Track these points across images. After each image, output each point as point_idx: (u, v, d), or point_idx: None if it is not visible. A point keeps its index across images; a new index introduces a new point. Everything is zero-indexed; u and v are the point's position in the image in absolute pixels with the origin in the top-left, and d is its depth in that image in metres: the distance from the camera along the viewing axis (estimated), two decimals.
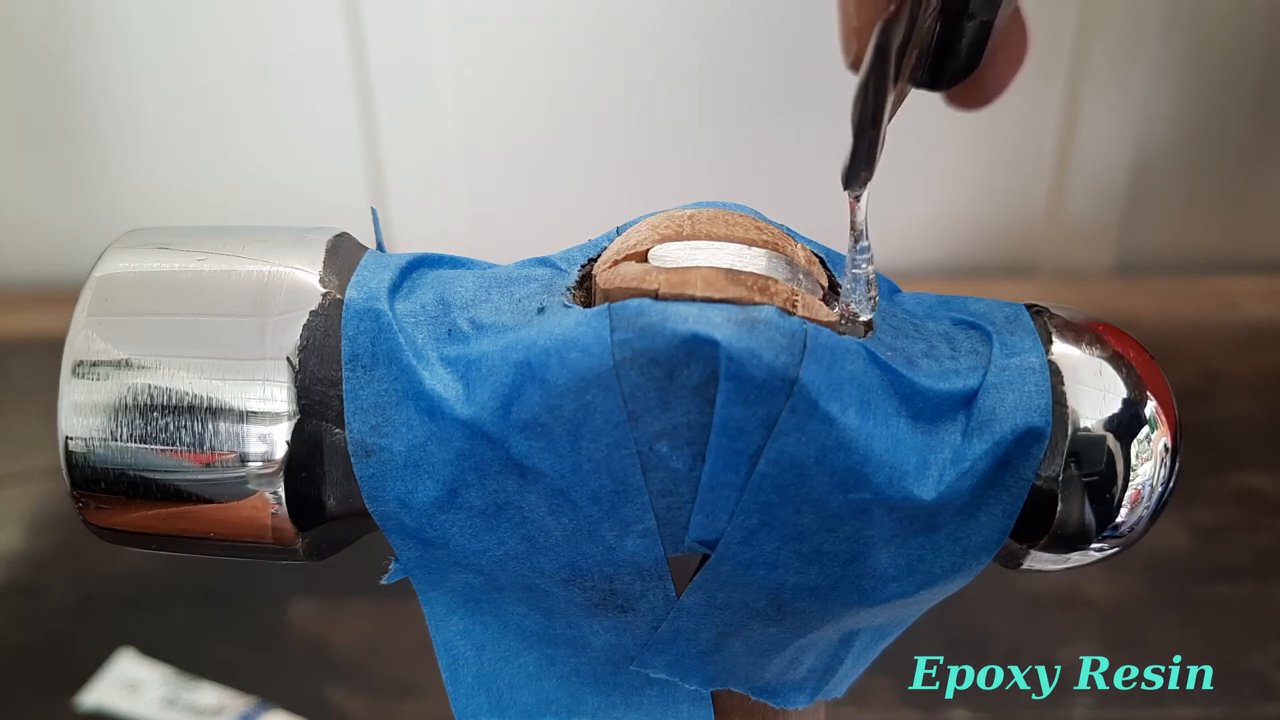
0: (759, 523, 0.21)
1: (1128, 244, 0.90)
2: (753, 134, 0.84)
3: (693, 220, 0.23)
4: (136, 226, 0.24)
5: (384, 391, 0.22)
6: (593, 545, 0.22)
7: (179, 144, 0.85)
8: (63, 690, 0.55)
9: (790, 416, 0.20)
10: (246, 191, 0.87)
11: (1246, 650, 0.58)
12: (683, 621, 0.22)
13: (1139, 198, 0.88)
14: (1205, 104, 0.86)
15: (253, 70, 0.82)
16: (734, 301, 0.20)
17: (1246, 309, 0.84)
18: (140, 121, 0.84)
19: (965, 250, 0.90)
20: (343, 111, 0.83)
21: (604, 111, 0.83)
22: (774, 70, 0.82)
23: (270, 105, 0.83)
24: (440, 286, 0.23)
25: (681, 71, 0.81)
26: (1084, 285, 0.88)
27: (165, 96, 0.83)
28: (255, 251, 0.23)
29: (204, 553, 0.23)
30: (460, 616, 0.24)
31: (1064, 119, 0.85)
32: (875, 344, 0.21)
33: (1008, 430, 0.21)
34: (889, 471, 0.21)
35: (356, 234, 0.25)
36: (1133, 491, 0.22)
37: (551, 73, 0.81)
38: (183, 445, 0.22)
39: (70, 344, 0.22)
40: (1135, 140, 0.86)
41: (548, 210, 0.84)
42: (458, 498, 0.22)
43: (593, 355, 0.20)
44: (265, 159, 0.85)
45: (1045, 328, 0.23)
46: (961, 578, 0.23)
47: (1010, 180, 0.88)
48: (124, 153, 0.85)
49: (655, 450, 0.20)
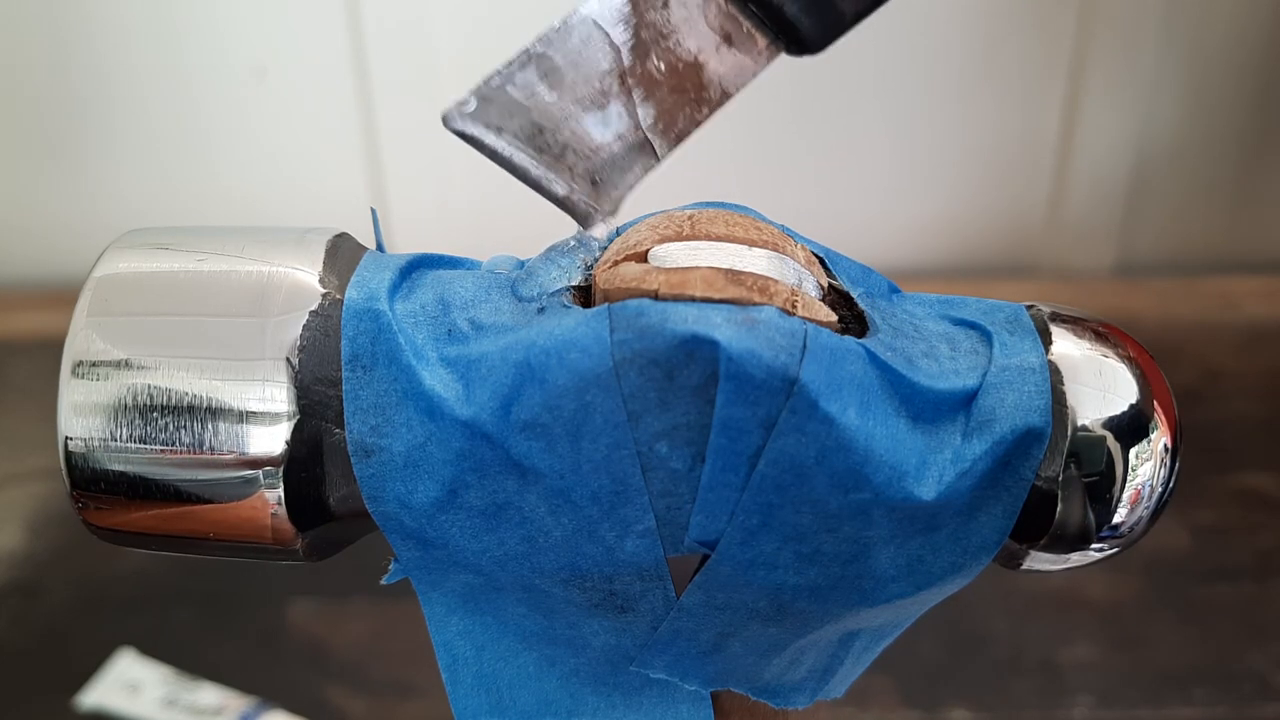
0: (759, 523, 0.21)
1: (1128, 244, 0.90)
2: (754, 134, 0.84)
3: (693, 221, 0.23)
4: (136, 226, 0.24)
5: (384, 392, 0.22)
6: (592, 545, 0.21)
7: (179, 144, 0.85)
8: (63, 690, 0.55)
9: (790, 417, 0.20)
10: (247, 191, 0.87)
11: (1246, 650, 0.58)
12: (682, 622, 0.22)
13: (1139, 198, 0.88)
14: (1205, 104, 0.86)
15: (253, 71, 0.82)
16: (734, 302, 0.20)
17: (1246, 309, 0.84)
18: (140, 121, 0.84)
19: (965, 250, 0.90)
20: (343, 112, 0.83)
21: None
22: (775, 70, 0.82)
23: (270, 105, 0.83)
24: (440, 287, 0.23)
25: None
26: (1084, 285, 0.88)
27: (165, 97, 0.83)
28: (255, 252, 0.23)
29: (204, 553, 0.23)
30: (460, 617, 0.23)
31: (1064, 119, 0.85)
32: (875, 344, 0.21)
33: (1007, 430, 0.21)
34: (889, 472, 0.21)
35: (357, 234, 0.25)
36: (1132, 492, 0.22)
37: None
38: (182, 445, 0.22)
39: (70, 344, 0.22)
40: (1135, 141, 0.86)
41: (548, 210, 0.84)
42: (457, 498, 0.22)
43: (592, 356, 0.20)
44: (265, 159, 0.85)
45: (1045, 328, 0.23)
46: (961, 578, 0.22)
47: (1011, 180, 0.88)
48: (124, 153, 0.85)
49: (655, 450, 0.20)
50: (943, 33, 0.82)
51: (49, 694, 0.55)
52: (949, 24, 0.82)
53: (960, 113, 0.85)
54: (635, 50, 0.22)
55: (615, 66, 0.22)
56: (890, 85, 0.83)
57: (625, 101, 0.22)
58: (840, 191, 0.85)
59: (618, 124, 0.22)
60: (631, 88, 0.22)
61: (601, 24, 0.22)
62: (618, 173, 0.22)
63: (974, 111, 0.85)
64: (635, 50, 0.22)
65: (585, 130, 0.22)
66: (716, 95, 0.23)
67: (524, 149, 0.21)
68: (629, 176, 0.22)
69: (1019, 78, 0.84)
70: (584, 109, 0.21)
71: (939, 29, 0.82)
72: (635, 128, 0.22)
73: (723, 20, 0.22)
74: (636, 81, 0.22)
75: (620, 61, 0.22)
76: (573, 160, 0.21)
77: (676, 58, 0.22)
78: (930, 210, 0.88)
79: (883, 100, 0.83)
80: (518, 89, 0.21)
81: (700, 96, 0.22)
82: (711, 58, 0.23)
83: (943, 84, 0.84)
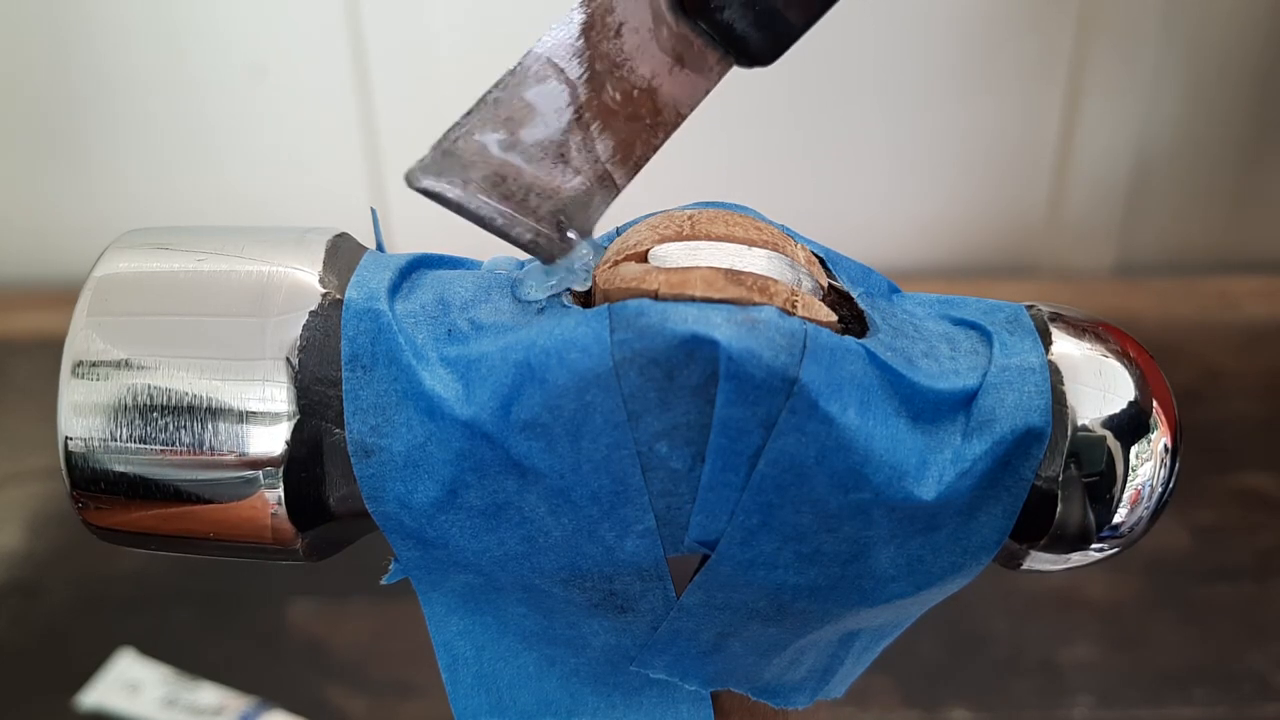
0: (759, 523, 0.21)
1: (1127, 244, 0.90)
2: (754, 135, 0.84)
3: (693, 220, 0.23)
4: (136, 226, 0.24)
5: (384, 392, 0.22)
6: (592, 545, 0.22)
7: (179, 144, 0.85)
8: (63, 690, 0.55)
9: (790, 417, 0.20)
10: (247, 191, 0.87)
11: (1246, 650, 0.58)
12: (682, 621, 0.22)
13: (1139, 198, 0.88)
14: (1205, 104, 0.86)
15: (253, 70, 0.82)
16: (734, 302, 0.20)
17: (1246, 309, 0.84)
18: (140, 121, 0.84)
19: (965, 250, 0.90)
20: (343, 111, 0.83)
21: None
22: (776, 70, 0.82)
23: (270, 105, 0.83)
24: (440, 287, 0.23)
25: None
26: (1084, 285, 0.88)
27: (165, 96, 0.83)
28: (255, 252, 0.23)
29: (204, 553, 0.23)
30: (460, 617, 0.23)
31: (1064, 119, 0.85)
32: (875, 344, 0.21)
33: (1007, 430, 0.21)
34: (889, 472, 0.21)
35: (357, 234, 0.25)
36: (1132, 492, 0.22)
37: None
38: (182, 445, 0.22)
39: (70, 344, 0.22)
40: (1135, 140, 0.86)
41: None
42: (457, 498, 0.22)
43: (592, 355, 0.20)
44: (266, 158, 0.85)
45: (1045, 328, 0.23)
46: (961, 578, 0.23)
47: (1010, 180, 0.88)
48: (124, 152, 0.85)
49: (655, 450, 0.20)
50: (942, 32, 0.82)
51: (49, 694, 0.55)
52: (949, 23, 0.82)
53: (960, 112, 0.85)
54: (590, 83, 0.22)
55: (571, 102, 0.22)
56: (890, 85, 0.83)
57: (584, 137, 0.22)
58: (840, 191, 0.85)
59: (577, 160, 0.22)
60: (589, 122, 0.22)
61: (555, 60, 0.22)
62: (581, 209, 0.22)
63: (974, 111, 0.85)
64: (590, 83, 0.22)
65: (546, 172, 0.22)
66: (671, 118, 0.23)
67: (488, 199, 0.21)
68: (592, 211, 0.22)
69: (1019, 77, 0.84)
70: (544, 151, 0.22)
71: (939, 29, 0.82)
72: (595, 161, 0.22)
73: (675, 42, 0.22)
74: (594, 115, 0.22)
75: (576, 96, 0.22)
76: (536, 203, 0.21)
77: (631, 85, 0.22)
78: (930, 210, 0.88)
79: (882, 100, 0.83)
80: (477, 140, 0.21)
81: (656, 121, 0.23)
82: (665, 81, 0.23)
83: (943, 84, 0.84)
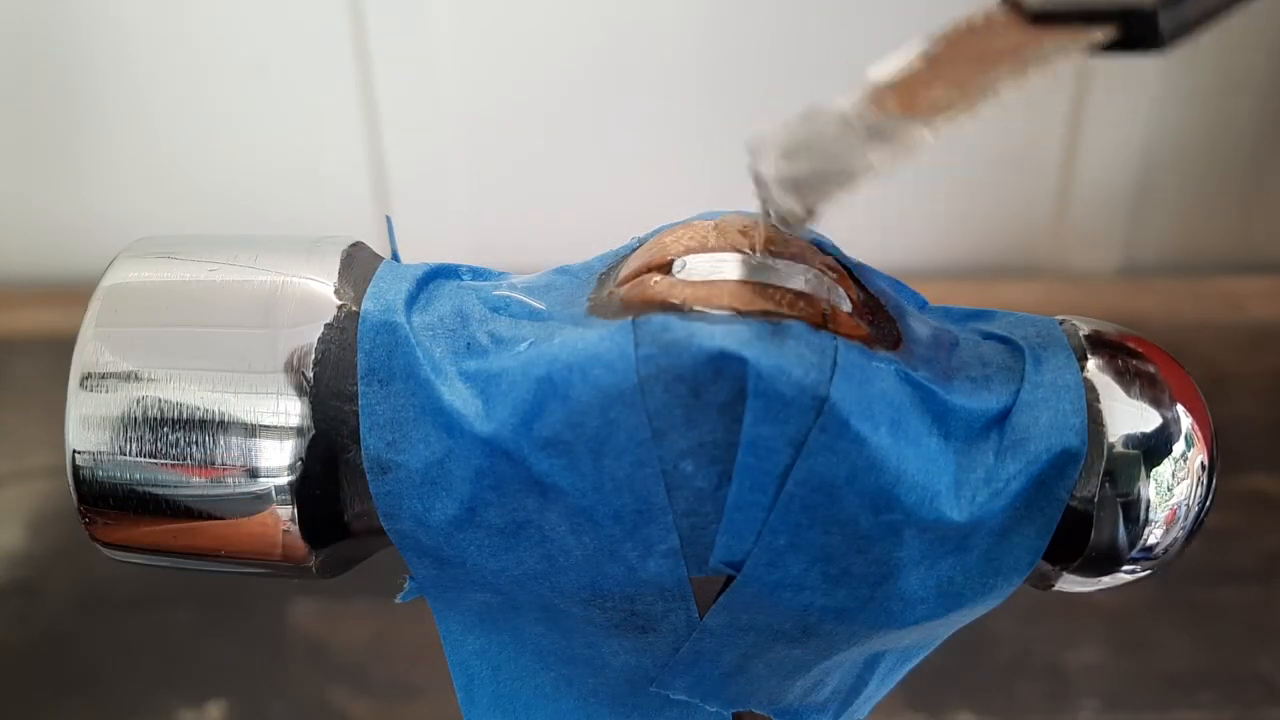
0: (786, 544, 0.20)
1: (1133, 245, 0.89)
2: None
3: (718, 231, 0.22)
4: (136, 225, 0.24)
5: (401, 407, 0.21)
6: (614, 565, 0.21)
7: (179, 143, 0.84)
8: (63, 690, 0.54)
9: (820, 435, 0.19)
10: (247, 191, 0.86)
11: (1253, 654, 0.58)
12: (705, 643, 0.22)
13: (1144, 199, 0.88)
14: (1211, 105, 0.86)
15: (254, 68, 0.81)
16: (762, 316, 0.20)
17: (1253, 310, 0.84)
18: (141, 120, 0.83)
19: (971, 251, 0.89)
20: (346, 111, 0.82)
21: (611, 111, 0.82)
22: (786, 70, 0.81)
23: (272, 104, 0.83)
24: (458, 298, 0.22)
25: (690, 71, 0.81)
26: (1089, 286, 0.88)
27: (166, 95, 0.82)
28: (268, 261, 0.22)
29: (214, 569, 0.23)
30: (477, 636, 0.23)
31: (1070, 120, 0.85)
32: (906, 359, 0.21)
33: (1042, 450, 0.21)
34: (921, 492, 0.20)
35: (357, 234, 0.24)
36: (1169, 511, 0.21)
37: (558, 72, 0.81)
38: (192, 460, 0.21)
39: (79, 355, 0.21)
40: (1141, 141, 0.85)
41: (554, 211, 0.84)
42: (476, 516, 0.21)
43: (617, 371, 0.20)
44: (266, 158, 0.85)
45: (1079, 343, 0.22)
46: (992, 600, 0.22)
47: (1016, 181, 0.87)
48: (124, 152, 0.84)
49: (680, 469, 0.20)
50: None
51: (49, 694, 0.55)
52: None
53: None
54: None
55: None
56: None
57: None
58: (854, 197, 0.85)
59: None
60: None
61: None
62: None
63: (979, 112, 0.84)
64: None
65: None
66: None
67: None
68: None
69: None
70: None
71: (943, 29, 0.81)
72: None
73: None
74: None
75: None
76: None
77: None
78: (936, 211, 0.88)
79: None
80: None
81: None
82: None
83: None
